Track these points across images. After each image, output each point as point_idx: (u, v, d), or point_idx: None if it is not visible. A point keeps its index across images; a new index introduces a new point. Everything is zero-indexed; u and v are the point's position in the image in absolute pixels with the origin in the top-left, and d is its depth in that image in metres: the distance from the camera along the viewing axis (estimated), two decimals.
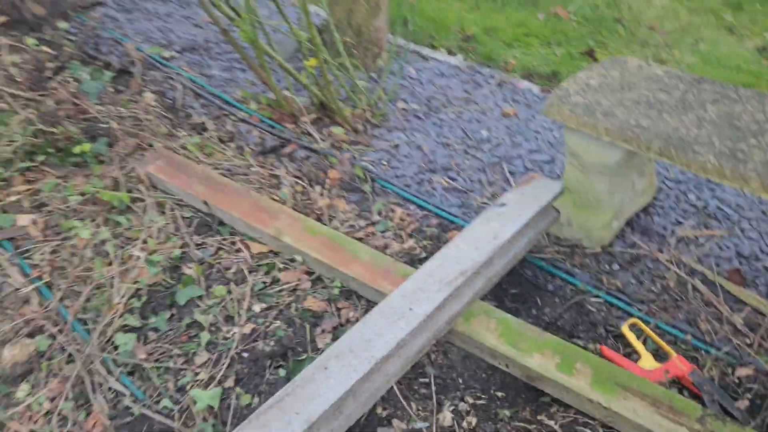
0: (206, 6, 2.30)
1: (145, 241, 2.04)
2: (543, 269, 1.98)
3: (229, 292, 1.90)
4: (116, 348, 1.78)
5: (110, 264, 1.99)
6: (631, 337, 1.75)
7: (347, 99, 2.64)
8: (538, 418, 1.59)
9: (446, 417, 1.58)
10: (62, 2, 3.34)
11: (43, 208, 2.20)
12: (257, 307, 1.85)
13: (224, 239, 2.06)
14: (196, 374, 1.71)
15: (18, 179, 2.30)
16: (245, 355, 1.74)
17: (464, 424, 1.58)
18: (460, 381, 1.68)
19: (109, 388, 1.70)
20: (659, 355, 1.73)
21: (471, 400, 1.63)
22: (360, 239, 2.03)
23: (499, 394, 1.65)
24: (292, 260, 1.95)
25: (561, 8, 3.38)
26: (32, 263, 2.01)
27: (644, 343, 1.75)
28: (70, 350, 1.77)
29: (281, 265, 1.95)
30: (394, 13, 3.35)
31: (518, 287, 1.93)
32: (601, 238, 2.02)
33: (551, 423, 1.57)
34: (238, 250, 2.01)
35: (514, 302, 1.88)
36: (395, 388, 1.64)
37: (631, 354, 1.73)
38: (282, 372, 1.70)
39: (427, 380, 1.68)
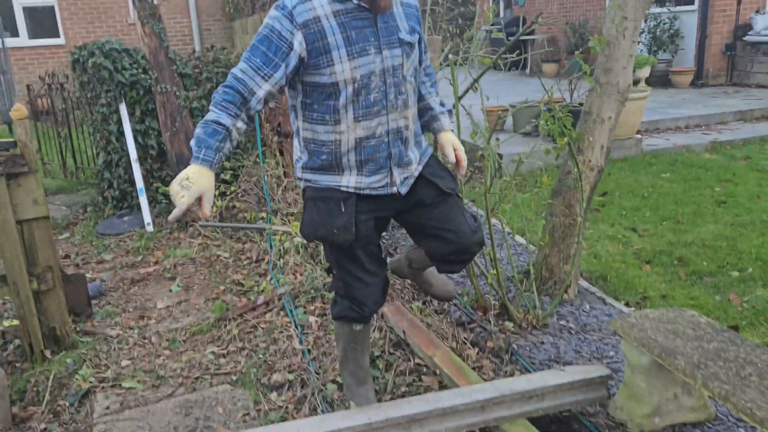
0: None
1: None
2: (587, 427, 2.87)
3: (375, 378, 3.23)
4: (328, 385, 3.22)
5: None
6: None
7: (527, 309, 3.89)
8: None
9: None
10: None
11: (323, 317, 3.87)
12: (402, 390, 3.14)
13: (405, 353, 3.42)
14: None
15: None
16: None
17: None
18: None
19: (318, 399, 3.12)
20: None
21: None
22: (482, 376, 3.20)
23: None
24: (435, 372, 3.21)
25: (735, 295, 4.17)
26: (307, 341, 3.64)
27: None
28: (308, 380, 3.26)
29: (425, 371, 3.23)
30: (599, 268, 4.55)
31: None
32: (641, 424, 2.84)
33: None
34: (409, 360, 3.35)
35: None
36: None
37: None
38: None
39: None
